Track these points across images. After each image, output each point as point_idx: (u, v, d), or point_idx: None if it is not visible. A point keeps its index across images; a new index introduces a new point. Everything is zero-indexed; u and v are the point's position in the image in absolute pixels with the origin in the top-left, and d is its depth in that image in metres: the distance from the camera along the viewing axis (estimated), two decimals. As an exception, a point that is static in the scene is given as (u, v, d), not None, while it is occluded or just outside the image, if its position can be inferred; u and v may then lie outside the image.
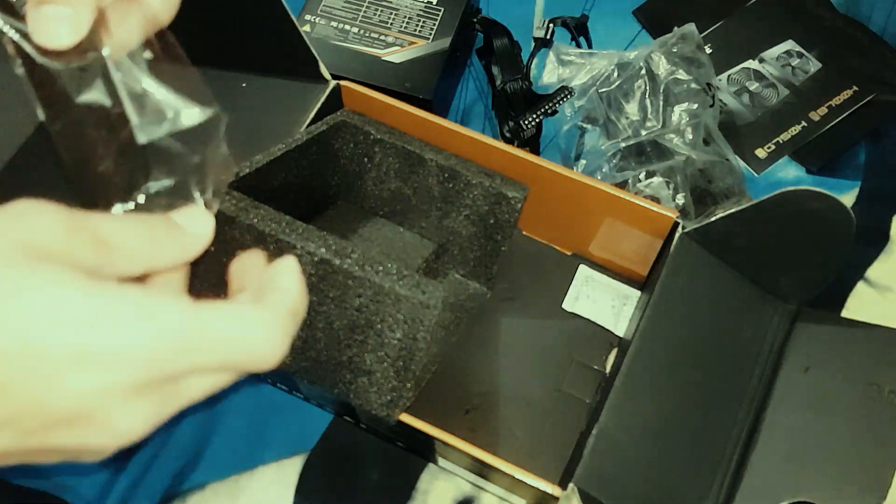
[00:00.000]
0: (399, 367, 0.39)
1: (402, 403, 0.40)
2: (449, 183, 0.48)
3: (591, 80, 0.56)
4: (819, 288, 0.45)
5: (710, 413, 0.44)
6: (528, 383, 0.50)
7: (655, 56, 0.55)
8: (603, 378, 0.50)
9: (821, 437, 0.42)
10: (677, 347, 0.43)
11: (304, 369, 0.41)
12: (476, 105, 0.64)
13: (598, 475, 0.39)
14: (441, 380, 0.49)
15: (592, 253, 0.54)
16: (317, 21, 0.61)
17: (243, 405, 0.52)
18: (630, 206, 0.47)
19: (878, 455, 0.41)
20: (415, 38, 0.60)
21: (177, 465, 0.50)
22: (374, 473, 0.50)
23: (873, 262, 0.57)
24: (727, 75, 0.65)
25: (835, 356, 0.44)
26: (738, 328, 0.46)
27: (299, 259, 0.39)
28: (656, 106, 0.55)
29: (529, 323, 0.52)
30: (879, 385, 0.42)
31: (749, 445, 0.43)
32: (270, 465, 0.50)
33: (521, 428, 0.48)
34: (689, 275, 0.45)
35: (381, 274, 0.38)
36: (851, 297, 0.56)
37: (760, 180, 0.61)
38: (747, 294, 0.46)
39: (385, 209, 0.52)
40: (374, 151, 0.50)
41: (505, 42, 0.58)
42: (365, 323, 0.39)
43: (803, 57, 0.65)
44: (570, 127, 0.57)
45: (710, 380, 0.44)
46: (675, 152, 0.54)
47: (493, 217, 0.49)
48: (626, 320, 0.52)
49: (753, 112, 0.63)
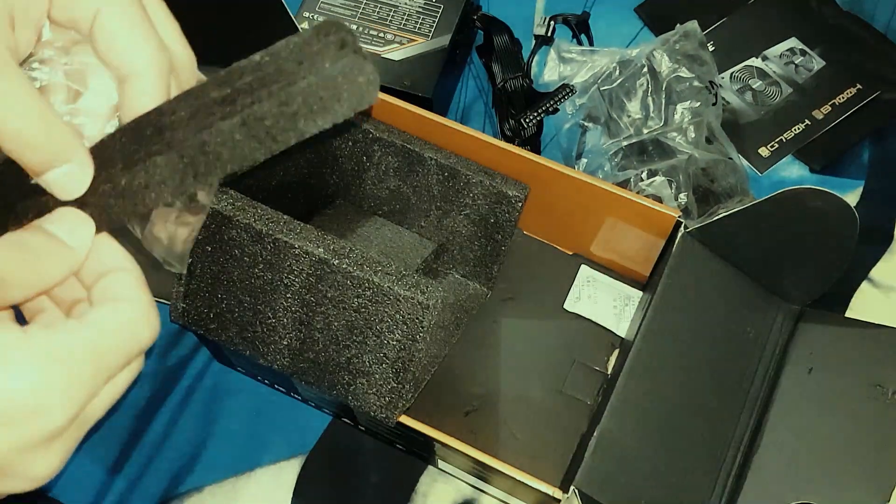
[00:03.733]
0: (398, 368, 0.38)
1: (402, 405, 0.39)
2: (449, 182, 0.48)
3: (593, 77, 0.56)
4: (823, 288, 0.45)
5: (712, 414, 0.43)
6: (528, 384, 0.49)
7: (657, 54, 0.55)
8: (604, 379, 0.49)
9: (824, 439, 0.42)
10: (680, 348, 0.43)
11: (301, 371, 0.40)
12: (476, 103, 0.64)
13: (599, 477, 0.38)
14: (441, 381, 0.48)
15: (594, 253, 0.53)
16: (315, 18, 0.60)
17: (241, 407, 0.52)
18: (632, 205, 0.46)
19: (882, 456, 0.40)
20: (414, 35, 0.59)
21: (174, 468, 0.50)
22: (373, 476, 0.49)
23: (877, 261, 0.56)
24: (730, 73, 0.64)
25: (838, 357, 0.44)
26: (741, 328, 0.45)
27: (297, 259, 0.38)
28: (658, 104, 0.54)
29: (530, 323, 0.51)
30: (883, 386, 0.42)
31: (752, 447, 0.43)
32: (268, 467, 0.50)
33: (522, 429, 0.48)
34: (692, 275, 0.45)
35: (380, 274, 0.37)
36: (855, 297, 0.55)
37: (763, 179, 0.60)
38: (750, 294, 0.46)
39: (384, 208, 0.52)
40: (372, 150, 0.49)
41: (505, 39, 0.58)
42: (363, 323, 0.38)
43: (807, 55, 0.65)
44: (571, 125, 0.57)
45: (713, 381, 0.44)
46: (678, 151, 0.54)
47: (494, 216, 0.48)
48: (627, 321, 0.51)
49: (756, 110, 0.63)
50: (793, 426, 0.43)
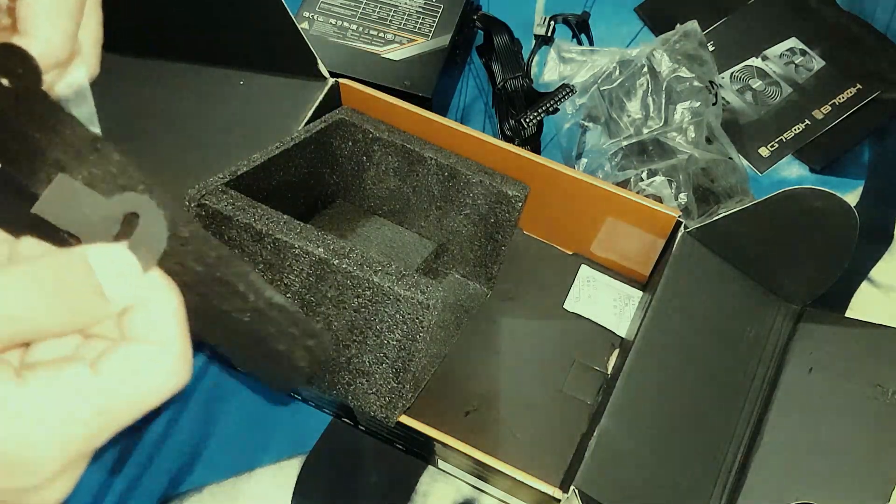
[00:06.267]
0: (398, 368, 0.38)
1: (402, 405, 0.39)
2: (449, 182, 0.48)
3: (593, 77, 0.56)
4: (823, 288, 0.45)
5: (712, 414, 0.43)
6: (528, 384, 0.49)
7: (657, 53, 0.55)
8: (604, 379, 0.49)
9: (824, 439, 0.42)
10: (680, 348, 0.43)
11: (301, 370, 0.40)
12: (476, 103, 0.63)
13: (599, 477, 0.38)
14: (441, 381, 0.48)
15: (594, 252, 0.53)
16: (315, 18, 0.60)
17: (241, 407, 0.52)
18: (632, 205, 0.46)
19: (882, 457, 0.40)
20: (414, 35, 0.59)
21: (174, 468, 0.50)
22: (373, 476, 0.49)
23: (877, 261, 0.56)
24: (730, 73, 0.64)
25: (838, 357, 0.44)
26: (741, 328, 0.45)
27: (297, 259, 0.38)
28: (658, 104, 0.54)
29: (530, 323, 0.51)
30: (883, 386, 0.42)
31: (752, 447, 0.42)
32: (268, 466, 0.50)
33: (522, 429, 0.48)
34: (692, 275, 0.45)
35: (380, 274, 0.37)
36: (855, 296, 0.55)
37: (763, 179, 0.60)
38: (750, 294, 0.46)
39: (384, 208, 0.52)
40: (372, 150, 0.49)
41: (505, 39, 0.58)
42: (363, 323, 0.38)
43: (807, 55, 0.65)
44: (571, 125, 0.57)
45: (713, 381, 0.44)
46: (678, 151, 0.54)
47: (494, 216, 0.48)
48: (627, 321, 0.51)
49: (756, 110, 0.63)
50: (793, 426, 0.42)
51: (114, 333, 0.23)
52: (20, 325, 0.20)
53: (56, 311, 0.21)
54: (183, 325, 0.23)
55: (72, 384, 0.21)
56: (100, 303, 0.22)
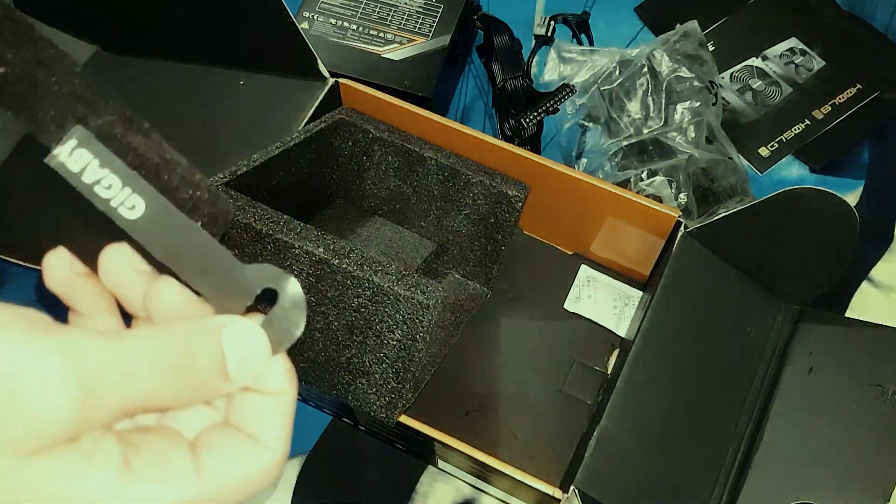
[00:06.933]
0: (398, 369, 0.38)
1: (402, 405, 0.39)
2: (449, 182, 0.48)
3: (593, 77, 0.56)
4: (823, 288, 0.45)
5: (712, 414, 0.43)
6: (528, 384, 0.49)
7: (657, 53, 0.55)
8: (604, 379, 0.49)
9: (824, 439, 0.41)
10: (680, 348, 0.43)
11: (301, 370, 0.40)
12: (476, 103, 0.63)
13: (599, 477, 0.38)
14: (441, 381, 0.48)
15: (594, 252, 0.53)
16: (315, 18, 0.60)
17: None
18: (632, 205, 0.46)
19: (882, 457, 0.40)
20: (414, 35, 0.59)
21: (174, 467, 0.50)
22: (373, 476, 0.49)
23: (877, 261, 0.56)
24: (730, 73, 0.64)
25: (838, 357, 0.44)
26: (741, 329, 0.45)
27: (297, 259, 0.38)
28: (658, 104, 0.54)
29: (530, 323, 0.51)
30: (883, 386, 0.42)
31: (752, 447, 0.42)
32: (268, 466, 0.50)
33: (522, 429, 0.48)
34: (692, 275, 0.44)
35: (380, 274, 0.37)
36: (855, 297, 0.55)
37: (763, 179, 0.60)
38: (750, 294, 0.46)
39: (384, 208, 0.52)
40: (373, 150, 0.49)
41: (505, 39, 0.58)
42: (363, 323, 0.38)
43: (807, 55, 0.65)
44: (571, 125, 0.57)
45: (713, 381, 0.44)
46: (678, 151, 0.54)
47: (494, 216, 0.48)
48: (627, 321, 0.51)
49: (756, 110, 0.63)
50: (793, 426, 0.42)
51: (218, 402, 0.22)
52: (136, 398, 0.19)
53: (176, 388, 0.19)
54: (291, 423, 0.21)
55: (175, 480, 0.19)
56: (222, 382, 0.20)
